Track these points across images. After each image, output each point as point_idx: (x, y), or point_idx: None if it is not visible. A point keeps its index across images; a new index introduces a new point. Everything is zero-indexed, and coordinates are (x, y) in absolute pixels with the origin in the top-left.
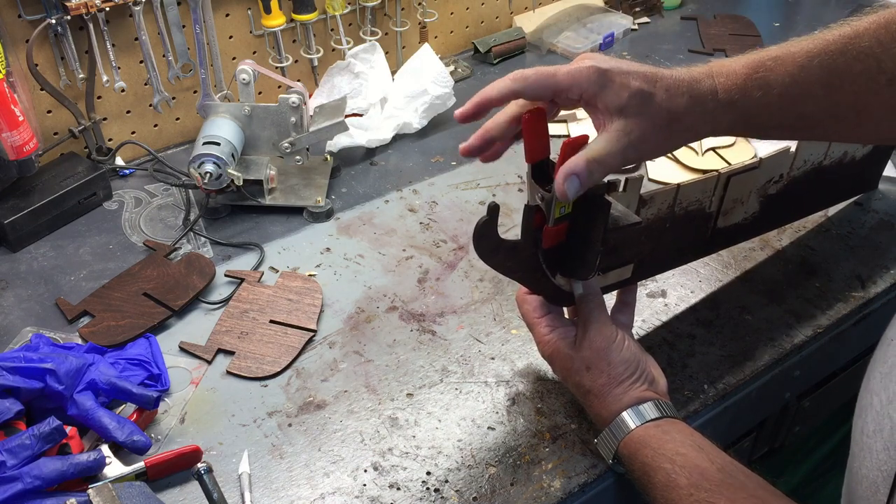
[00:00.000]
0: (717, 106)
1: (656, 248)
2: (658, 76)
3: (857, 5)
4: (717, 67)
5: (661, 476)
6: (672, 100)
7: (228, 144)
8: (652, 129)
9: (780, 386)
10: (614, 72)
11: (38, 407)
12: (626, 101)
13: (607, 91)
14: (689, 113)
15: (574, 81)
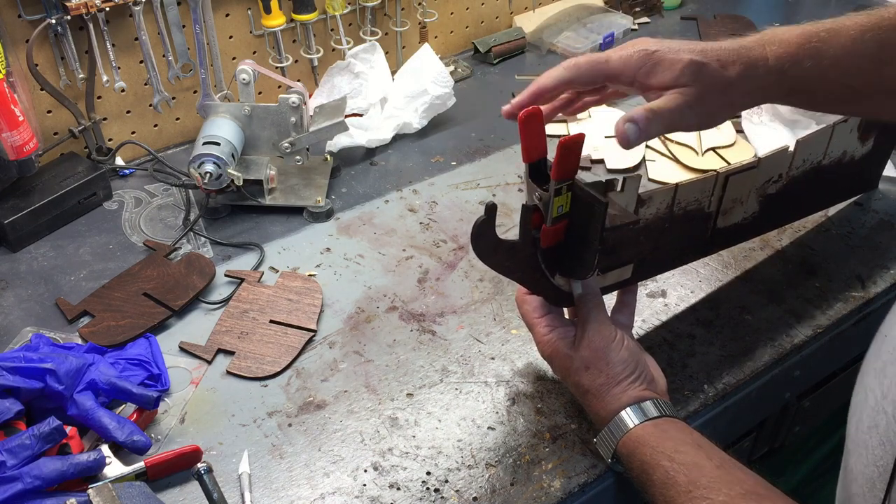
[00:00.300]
0: (767, 72)
1: (656, 248)
2: (708, 48)
3: (858, 5)
4: (768, 36)
5: (660, 473)
6: (725, 68)
7: (228, 144)
8: (707, 94)
9: (780, 386)
10: (664, 51)
11: (38, 407)
12: (678, 74)
13: (659, 69)
14: (741, 79)
15: (625, 66)
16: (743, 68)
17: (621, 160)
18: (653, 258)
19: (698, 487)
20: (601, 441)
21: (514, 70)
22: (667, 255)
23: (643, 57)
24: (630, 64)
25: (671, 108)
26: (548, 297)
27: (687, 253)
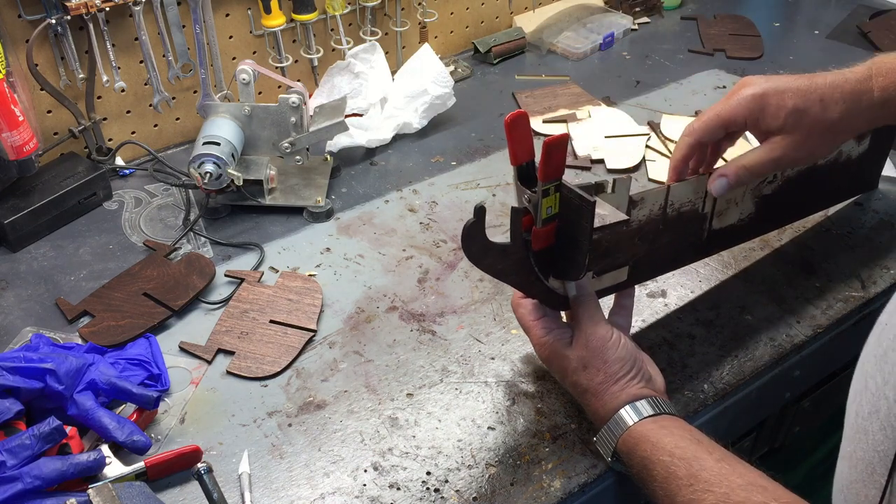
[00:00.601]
0: (871, 105)
1: (651, 250)
2: (812, 88)
3: (857, 5)
4: (877, 66)
5: (661, 469)
6: (827, 110)
7: (228, 144)
8: (807, 139)
9: (780, 386)
10: (770, 94)
11: (38, 407)
12: (783, 122)
13: (765, 114)
14: (843, 118)
15: (736, 113)
16: (846, 106)
17: (621, 160)
18: (649, 260)
19: (699, 481)
20: (601, 440)
21: (514, 70)
22: (663, 257)
23: (750, 102)
24: (739, 111)
25: (762, 163)
26: (542, 299)
27: (683, 255)
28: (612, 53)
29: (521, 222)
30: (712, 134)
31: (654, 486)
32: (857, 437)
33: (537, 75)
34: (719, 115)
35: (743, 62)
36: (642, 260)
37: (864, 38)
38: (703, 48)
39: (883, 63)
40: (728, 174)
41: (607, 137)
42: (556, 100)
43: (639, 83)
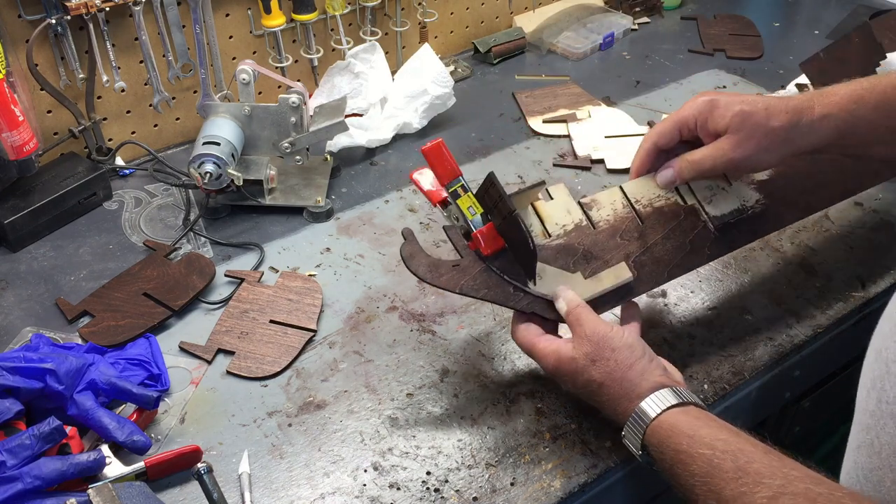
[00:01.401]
0: (812, 120)
1: (650, 246)
2: (760, 99)
3: (857, 6)
4: (817, 93)
5: (701, 463)
6: (770, 117)
7: (228, 144)
8: (748, 141)
9: (780, 386)
10: (721, 99)
11: (38, 407)
12: (728, 121)
13: (714, 115)
14: (785, 127)
15: (687, 114)
16: (788, 117)
17: (621, 160)
18: (654, 258)
19: (748, 474)
20: (629, 432)
21: (514, 70)
22: (670, 252)
23: (703, 103)
24: (692, 109)
25: (705, 157)
26: (534, 308)
27: (699, 249)
28: (612, 53)
29: (459, 237)
30: (667, 137)
31: (692, 482)
32: (882, 423)
33: (537, 75)
34: (671, 118)
35: (743, 62)
36: (645, 258)
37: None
38: (703, 48)
39: (823, 91)
40: (672, 165)
41: (607, 137)
42: (556, 100)
43: (639, 83)
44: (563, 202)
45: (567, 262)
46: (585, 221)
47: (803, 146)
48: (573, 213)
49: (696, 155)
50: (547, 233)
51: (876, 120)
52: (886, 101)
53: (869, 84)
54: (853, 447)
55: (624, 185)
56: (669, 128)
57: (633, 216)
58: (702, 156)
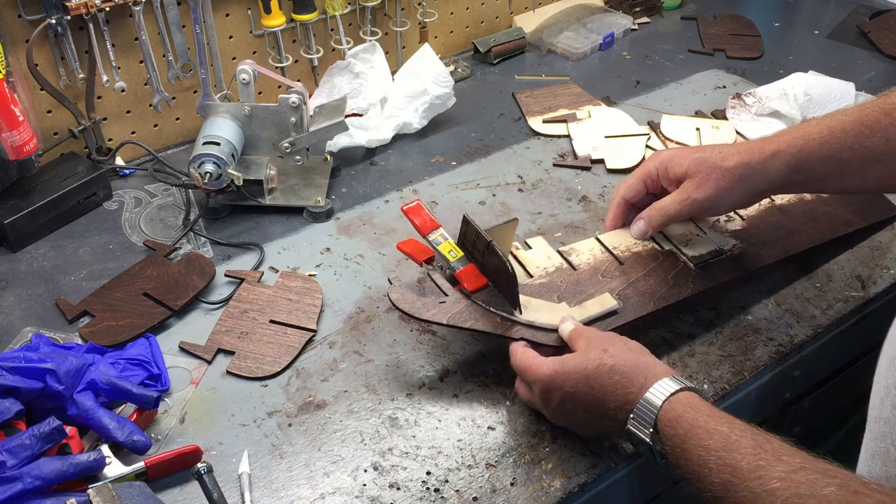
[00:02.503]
0: (764, 157)
1: (633, 282)
2: (716, 146)
3: (857, 5)
4: (771, 136)
5: (718, 438)
6: (724, 158)
7: (228, 144)
8: (707, 181)
9: (780, 386)
10: (678, 151)
11: (38, 407)
12: (686, 166)
13: (672, 164)
14: (739, 166)
15: (648, 167)
16: (740, 157)
17: (621, 160)
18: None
19: (766, 450)
20: (640, 411)
21: (514, 70)
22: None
23: (663, 154)
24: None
25: (670, 204)
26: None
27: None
28: (612, 53)
29: (443, 279)
30: (633, 190)
31: (705, 456)
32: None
33: (537, 75)
34: (636, 174)
35: (743, 62)
36: (629, 291)
37: (864, 37)
38: (703, 48)
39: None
40: (642, 216)
41: (607, 137)
42: (556, 100)
43: (639, 83)
44: (542, 251)
45: (552, 297)
46: (566, 265)
47: (761, 184)
48: (553, 258)
49: (662, 202)
50: (529, 275)
51: (823, 152)
52: (831, 134)
53: (816, 123)
54: (866, 457)
55: (600, 236)
56: (634, 182)
57: (612, 259)
58: (668, 202)
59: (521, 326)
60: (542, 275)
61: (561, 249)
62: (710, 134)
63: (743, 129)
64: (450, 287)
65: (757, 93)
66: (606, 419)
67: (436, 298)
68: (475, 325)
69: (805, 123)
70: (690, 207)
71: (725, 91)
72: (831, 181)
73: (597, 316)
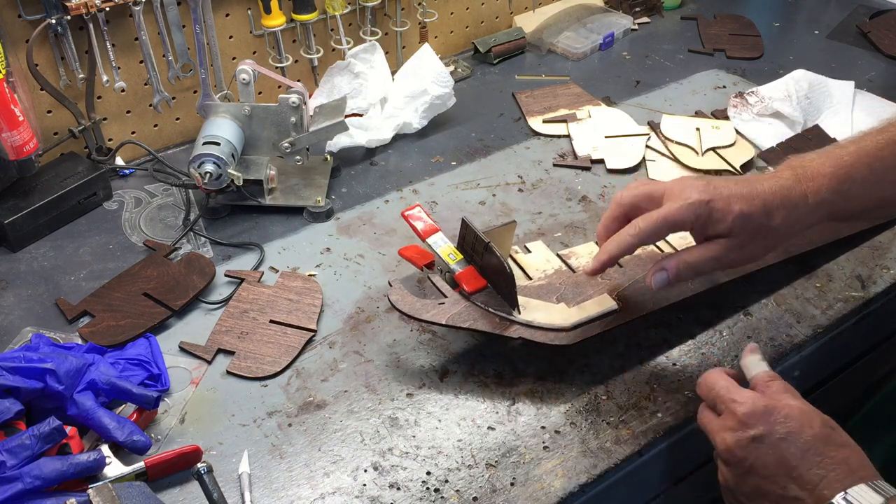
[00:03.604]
0: (808, 210)
1: (631, 284)
2: (755, 194)
3: (857, 5)
4: (800, 172)
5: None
6: (769, 215)
7: (228, 144)
8: (749, 242)
9: None
10: (717, 199)
11: (38, 407)
12: (729, 226)
13: (713, 220)
14: (784, 223)
15: (684, 217)
16: (786, 212)
17: (621, 160)
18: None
19: None
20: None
21: (514, 70)
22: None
23: (698, 208)
24: (687, 216)
25: (703, 260)
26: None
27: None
28: (612, 53)
29: (443, 282)
30: (660, 236)
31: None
32: None
33: (537, 75)
34: (666, 219)
35: (743, 62)
36: (628, 293)
37: (864, 38)
38: (703, 48)
39: (805, 168)
40: (669, 269)
41: (607, 137)
42: (556, 100)
43: (639, 83)
44: (541, 254)
45: (551, 298)
46: (565, 268)
47: (798, 233)
48: (552, 261)
49: (694, 256)
50: (528, 277)
51: (867, 193)
52: (873, 173)
53: (851, 158)
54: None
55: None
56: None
57: None
58: (702, 258)
59: (520, 326)
60: (542, 276)
61: (560, 252)
62: (710, 134)
63: (743, 129)
64: (449, 288)
65: (760, 92)
66: (792, 485)
67: (435, 299)
68: (474, 325)
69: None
70: (727, 266)
71: (725, 91)
72: (866, 215)
73: (595, 316)
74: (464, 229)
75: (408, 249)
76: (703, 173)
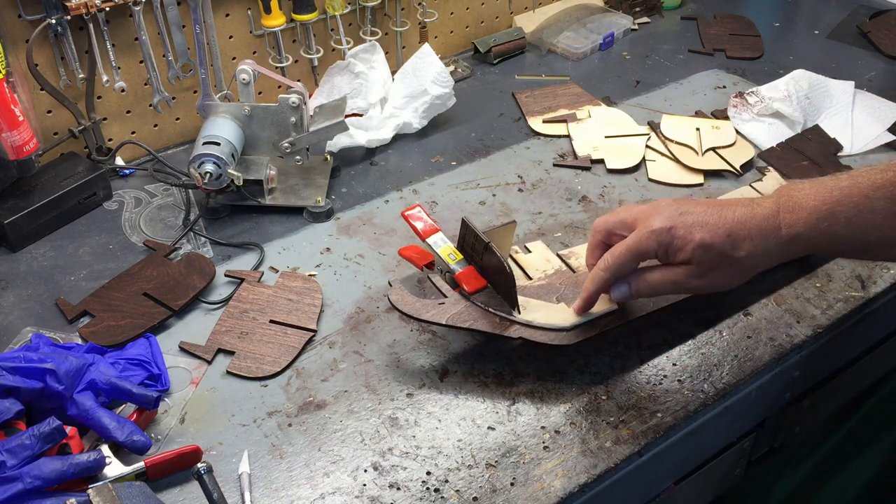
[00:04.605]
0: (780, 243)
1: None
2: (721, 222)
3: (857, 5)
4: (784, 200)
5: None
6: (734, 246)
7: (228, 144)
8: (711, 270)
9: (780, 386)
10: (678, 227)
11: (38, 407)
12: (689, 254)
13: (673, 248)
14: (750, 255)
15: (646, 247)
16: (753, 245)
17: (621, 160)
18: None
19: None
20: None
21: (514, 70)
22: None
23: (660, 236)
24: (650, 244)
25: (664, 282)
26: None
27: None
28: (612, 53)
29: (443, 282)
30: (628, 268)
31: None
32: None
33: (537, 75)
34: (629, 249)
35: (743, 62)
36: None
37: (864, 38)
38: (703, 48)
39: (790, 197)
40: (630, 282)
41: (607, 137)
42: (556, 100)
43: (639, 83)
44: (541, 254)
45: (551, 298)
46: (565, 268)
47: (770, 265)
48: (552, 261)
49: (655, 277)
50: (528, 277)
51: (848, 234)
52: (859, 214)
53: (840, 193)
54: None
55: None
56: (629, 260)
57: None
58: (662, 280)
59: (520, 326)
60: (542, 277)
61: (560, 252)
62: (710, 134)
63: (743, 129)
64: (449, 288)
65: (760, 92)
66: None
67: (435, 299)
68: (474, 325)
69: (825, 189)
70: (688, 292)
71: (725, 91)
72: (848, 255)
73: (595, 316)
74: (464, 229)
75: (408, 249)
76: (703, 173)
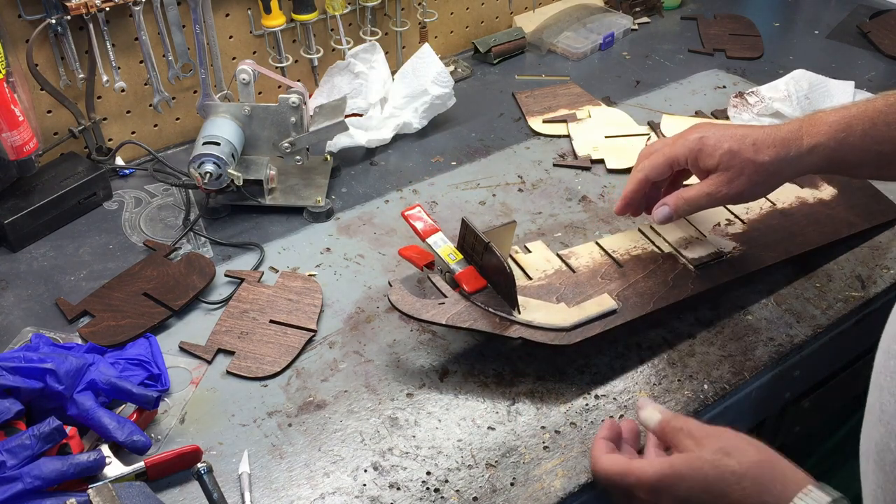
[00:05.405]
0: (800, 154)
1: (632, 283)
2: (747, 135)
3: (857, 5)
4: (807, 119)
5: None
6: (758, 152)
7: (228, 144)
8: (739, 177)
9: (780, 386)
10: (709, 137)
11: (38, 407)
12: (717, 160)
13: (703, 154)
14: (773, 161)
15: (679, 152)
16: (776, 151)
17: (621, 160)
18: (637, 292)
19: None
20: None
21: (515, 70)
22: (653, 288)
23: (692, 143)
24: (682, 151)
25: (699, 195)
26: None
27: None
28: (612, 53)
29: (443, 282)
30: (659, 171)
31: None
32: None
33: (537, 75)
34: (665, 154)
35: (743, 62)
36: (628, 293)
37: (864, 38)
38: (703, 48)
39: (811, 116)
40: (668, 202)
41: (607, 137)
42: (556, 100)
43: (639, 83)
44: (541, 254)
45: (551, 298)
46: (565, 268)
47: (792, 176)
48: (552, 261)
49: (690, 193)
50: (528, 277)
51: (864, 146)
52: (874, 126)
53: (857, 110)
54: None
55: (599, 241)
56: (661, 163)
57: (611, 262)
58: (697, 194)
59: (520, 326)
60: (542, 277)
61: (560, 253)
62: None
63: None
64: (449, 288)
65: (760, 91)
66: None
67: (435, 299)
68: (474, 325)
69: (844, 109)
70: (721, 202)
71: (725, 91)
72: (866, 170)
73: (595, 316)
74: (464, 229)
75: (408, 249)
76: None
